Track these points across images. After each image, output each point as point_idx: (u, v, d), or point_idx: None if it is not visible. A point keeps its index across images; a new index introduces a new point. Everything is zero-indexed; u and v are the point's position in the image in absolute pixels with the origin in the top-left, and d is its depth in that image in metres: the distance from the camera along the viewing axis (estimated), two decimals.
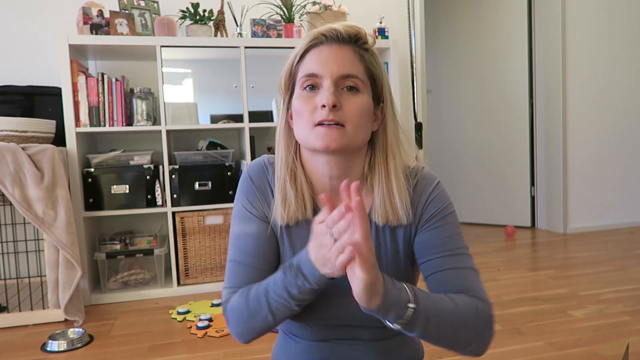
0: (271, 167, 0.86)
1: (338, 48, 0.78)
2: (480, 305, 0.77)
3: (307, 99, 0.78)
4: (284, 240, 0.84)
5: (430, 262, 0.81)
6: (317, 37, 0.78)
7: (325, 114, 0.75)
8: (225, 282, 0.85)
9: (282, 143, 0.84)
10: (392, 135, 0.82)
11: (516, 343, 1.75)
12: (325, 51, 0.78)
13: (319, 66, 0.77)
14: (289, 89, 0.82)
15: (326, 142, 0.75)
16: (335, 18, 2.70)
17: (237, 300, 0.79)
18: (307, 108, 0.77)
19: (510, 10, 3.79)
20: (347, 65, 0.77)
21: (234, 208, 0.87)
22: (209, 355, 1.73)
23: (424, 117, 3.12)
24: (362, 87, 0.78)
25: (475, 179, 4.09)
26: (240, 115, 2.52)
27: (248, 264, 0.82)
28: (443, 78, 4.17)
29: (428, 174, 0.86)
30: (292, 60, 0.81)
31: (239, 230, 0.84)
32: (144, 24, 2.51)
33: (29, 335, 1.97)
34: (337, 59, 0.77)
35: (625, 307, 2.07)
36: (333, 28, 0.78)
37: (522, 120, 3.84)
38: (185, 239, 2.47)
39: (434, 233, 0.82)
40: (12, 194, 1.96)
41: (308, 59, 0.79)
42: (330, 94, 0.75)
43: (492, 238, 3.58)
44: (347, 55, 0.78)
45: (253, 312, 0.77)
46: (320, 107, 0.76)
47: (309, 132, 0.77)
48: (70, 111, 2.28)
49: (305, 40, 0.79)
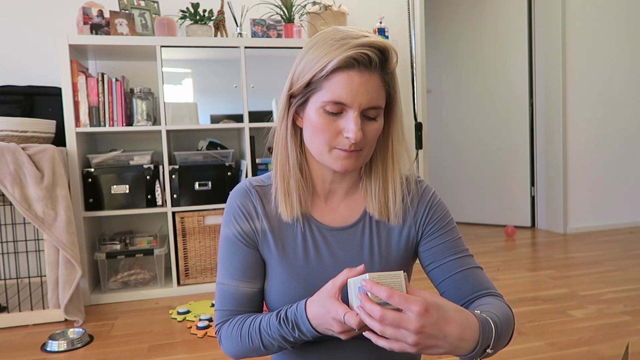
0: (254, 189, 0.86)
1: (369, 77, 0.74)
2: (504, 305, 0.80)
3: (330, 122, 0.76)
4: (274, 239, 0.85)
5: (441, 268, 0.86)
6: (346, 62, 0.72)
7: (348, 145, 0.76)
8: (216, 304, 0.88)
9: (287, 142, 0.82)
10: (395, 136, 0.83)
11: (516, 343, 1.75)
12: (357, 80, 0.73)
13: (349, 96, 0.73)
14: (302, 96, 0.78)
15: (344, 166, 0.78)
16: (335, 18, 2.70)
17: (229, 331, 0.83)
18: (328, 131, 0.76)
19: (510, 10, 3.79)
20: (374, 97, 0.75)
21: (222, 233, 0.87)
22: (209, 355, 1.73)
23: (424, 117, 3.12)
24: (381, 113, 0.78)
25: (475, 179, 4.09)
26: (240, 115, 2.52)
27: (238, 288, 0.85)
28: (443, 78, 4.17)
29: (423, 182, 0.91)
30: (314, 72, 0.74)
31: (227, 255, 0.86)
32: (144, 24, 2.51)
33: (29, 335, 1.97)
34: (367, 90, 0.74)
35: (625, 307, 2.07)
36: (364, 53, 0.72)
37: (522, 120, 3.84)
38: (185, 239, 2.47)
39: (440, 240, 0.86)
40: (12, 194, 1.96)
41: (336, 82, 0.73)
42: (358, 130, 0.74)
43: (492, 238, 3.57)
44: (375, 84, 0.75)
45: (246, 346, 0.81)
46: (345, 137, 0.76)
47: (326, 153, 0.78)
48: (70, 111, 2.28)
49: (335, 60, 0.72)
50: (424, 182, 0.91)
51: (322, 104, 0.75)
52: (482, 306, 0.77)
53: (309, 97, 0.77)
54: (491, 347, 0.70)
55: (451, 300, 0.82)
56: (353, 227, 0.86)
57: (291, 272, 0.84)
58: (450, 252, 0.86)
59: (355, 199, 0.88)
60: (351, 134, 0.74)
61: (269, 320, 0.78)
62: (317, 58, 0.74)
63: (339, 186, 0.86)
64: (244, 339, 0.81)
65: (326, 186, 0.86)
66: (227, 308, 0.85)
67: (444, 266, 0.85)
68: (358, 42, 0.72)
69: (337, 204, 0.87)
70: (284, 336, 0.76)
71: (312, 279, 0.83)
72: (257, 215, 0.85)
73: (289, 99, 0.81)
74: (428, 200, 0.88)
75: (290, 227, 0.85)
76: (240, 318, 0.84)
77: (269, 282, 0.86)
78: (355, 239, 0.85)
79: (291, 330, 0.75)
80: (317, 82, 0.75)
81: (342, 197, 0.87)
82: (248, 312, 0.86)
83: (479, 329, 0.68)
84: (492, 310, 0.75)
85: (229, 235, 0.86)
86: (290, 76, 0.79)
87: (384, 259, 0.85)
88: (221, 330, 0.85)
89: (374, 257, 0.85)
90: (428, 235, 0.87)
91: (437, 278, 0.86)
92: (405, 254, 0.87)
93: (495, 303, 0.79)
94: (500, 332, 0.72)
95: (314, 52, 0.75)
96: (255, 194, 0.86)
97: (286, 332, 0.76)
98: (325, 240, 0.85)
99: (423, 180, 0.91)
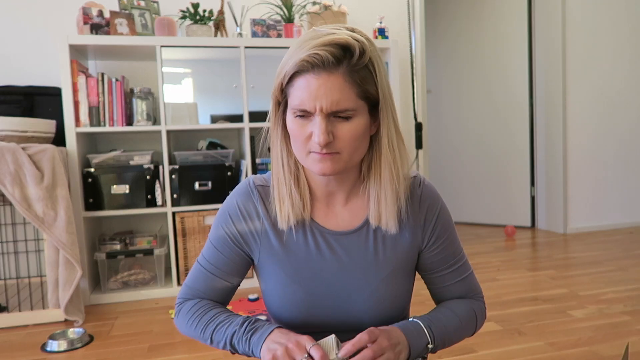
0: (256, 189, 0.85)
1: (327, 78, 0.70)
2: (476, 307, 0.91)
3: (300, 126, 0.74)
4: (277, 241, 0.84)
5: (438, 277, 0.90)
6: (300, 66, 0.70)
7: (319, 149, 0.73)
8: (187, 279, 0.90)
9: (282, 147, 0.82)
10: (387, 137, 0.78)
11: (516, 343, 1.75)
12: (314, 84, 0.70)
13: (309, 101, 0.71)
14: (282, 101, 0.78)
15: (322, 169, 0.75)
16: (335, 18, 2.70)
17: (191, 311, 0.86)
18: (301, 135, 0.74)
19: (510, 10, 3.79)
20: (338, 98, 0.70)
21: (215, 225, 0.87)
22: (209, 355, 1.73)
23: (424, 117, 3.12)
24: (356, 112, 0.73)
25: (475, 179, 4.09)
26: (240, 115, 2.52)
27: (214, 277, 0.87)
28: (443, 78, 4.17)
29: (431, 188, 0.88)
30: (280, 79, 0.74)
31: (213, 248, 0.87)
32: (144, 24, 2.51)
33: (29, 335, 1.97)
34: (327, 92, 0.70)
35: (625, 307, 2.07)
36: (316, 54, 0.69)
37: (522, 120, 3.84)
38: (185, 239, 2.47)
39: (442, 253, 0.88)
40: (12, 194, 1.96)
41: (297, 87, 0.72)
42: (321, 133, 0.71)
43: (492, 238, 3.57)
44: (337, 84, 0.70)
45: (198, 332, 0.84)
46: (313, 140, 0.74)
47: (304, 157, 0.76)
48: (70, 111, 2.28)
49: (290, 65, 0.72)
50: (428, 185, 0.88)
51: (292, 110, 0.74)
52: (437, 308, 0.89)
53: (287, 103, 0.77)
54: (433, 344, 0.82)
55: (434, 299, 0.94)
56: (357, 232, 0.84)
57: (292, 275, 0.83)
58: (449, 263, 0.89)
59: (357, 202, 0.85)
60: (316, 138, 0.72)
61: (228, 328, 0.80)
62: (282, 64, 0.74)
63: (337, 189, 0.84)
64: (200, 324, 0.83)
65: (324, 189, 0.84)
66: (197, 288, 0.88)
67: (440, 278, 0.90)
68: (315, 42, 0.70)
69: (339, 208, 0.85)
70: (234, 345, 0.80)
71: (315, 284, 0.83)
72: (257, 216, 0.84)
73: (276, 104, 0.79)
74: (436, 212, 0.87)
75: (293, 230, 0.84)
76: (207, 305, 0.86)
77: (268, 284, 0.86)
78: (359, 243, 0.84)
79: (243, 348, 0.78)
80: (286, 88, 0.75)
81: (344, 201, 0.85)
82: (215, 301, 0.88)
83: (404, 334, 0.79)
84: (444, 318, 0.86)
85: (221, 233, 0.86)
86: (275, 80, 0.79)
87: (388, 262, 0.84)
88: (184, 306, 0.88)
89: (378, 262, 0.84)
90: (431, 245, 0.87)
91: (430, 282, 0.92)
92: (410, 258, 0.87)
93: (459, 309, 0.89)
94: (444, 339, 0.84)
95: (285, 57, 0.75)
96: (257, 194, 0.85)
97: (240, 345, 0.79)
98: (329, 245, 0.84)
99: (425, 180, 0.88)
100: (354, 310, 0.83)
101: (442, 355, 1.63)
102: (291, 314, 0.83)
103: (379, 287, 0.83)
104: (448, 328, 0.85)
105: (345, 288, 0.83)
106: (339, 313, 0.83)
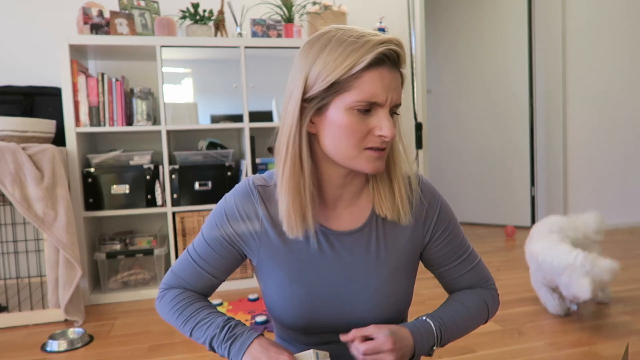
0: (256, 190, 0.84)
1: (396, 73, 0.74)
2: (487, 296, 0.92)
3: (361, 121, 0.73)
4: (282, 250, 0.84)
5: (447, 271, 0.91)
6: (378, 59, 0.71)
7: (381, 144, 0.74)
8: (174, 266, 0.90)
9: (302, 153, 0.76)
10: (398, 134, 0.82)
11: (516, 343, 1.75)
12: (388, 77, 0.73)
13: (383, 94, 0.72)
14: (322, 99, 0.74)
15: (376, 168, 0.76)
16: (335, 18, 2.70)
17: (174, 301, 0.86)
18: (360, 131, 0.73)
19: (510, 10, 3.79)
20: (400, 93, 0.75)
21: (210, 222, 0.86)
22: (209, 355, 1.73)
23: (424, 117, 3.12)
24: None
25: (475, 179, 4.09)
26: (240, 115, 2.52)
27: (203, 270, 0.87)
28: (443, 78, 4.17)
29: (430, 185, 0.90)
30: (340, 72, 0.71)
31: (205, 244, 0.86)
32: (144, 24, 2.51)
33: (29, 335, 1.97)
34: (396, 87, 0.74)
35: (625, 307, 2.07)
36: (391, 49, 0.72)
37: (522, 120, 3.84)
38: (185, 239, 2.47)
39: (447, 247, 0.89)
40: (12, 194, 1.96)
41: (368, 80, 0.71)
42: (392, 126, 0.73)
43: (492, 238, 3.58)
44: (399, 80, 0.75)
45: (179, 322, 0.84)
46: (377, 135, 0.74)
47: (356, 155, 0.75)
48: (70, 111, 2.28)
49: (369, 57, 0.70)
50: (427, 183, 0.89)
51: (353, 104, 0.72)
52: (448, 302, 0.90)
53: (332, 99, 0.73)
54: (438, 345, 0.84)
55: (447, 291, 0.95)
56: (360, 230, 0.84)
57: (293, 275, 0.82)
58: (456, 255, 0.90)
59: (360, 204, 0.85)
60: (386, 131, 0.73)
61: (209, 327, 0.80)
62: (341, 57, 0.71)
63: (346, 191, 0.83)
64: (182, 317, 0.84)
65: (335, 192, 0.83)
66: (183, 278, 0.88)
67: (450, 270, 0.91)
68: (379, 39, 0.72)
69: (342, 210, 0.85)
70: (212, 346, 0.80)
71: (317, 284, 0.82)
72: (257, 217, 0.83)
73: (302, 104, 0.75)
74: (437, 207, 0.88)
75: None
76: (190, 297, 0.86)
77: (268, 285, 0.85)
78: (362, 242, 0.84)
79: (221, 351, 0.79)
80: (345, 82, 0.72)
81: (348, 203, 0.85)
82: (198, 293, 0.89)
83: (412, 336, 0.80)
84: (454, 312, 0.87)
85: (216, 232, 0.85)
86: (303, 80, 0.74)
87: (390, 261, 0.84)
88: (167, 293, 0.88)
89: (380, 259, 0.84)
90: (435, 240, 0.88)
91: (441, 277, 0.93)
92: (412, 254, 0.87)
93: (468, 300, 0.90)
94: (450, 334, 0.85)
95: (333, 52, 0.72)
96: (257, 194, 0.83)
97: (220, 337, 0.79)
98: (331, 245, 0.83)
99: (423, 178, 0.89)
100: (356, 309, 0.83)
101: (442, 355, 1.63)
102: (292, 315, 0.83)
103: (381, 285, 0.83)
104: (458, 324, 0.86)
105: (347, 287, 0.83)
106: (341, 313, 0.83)
